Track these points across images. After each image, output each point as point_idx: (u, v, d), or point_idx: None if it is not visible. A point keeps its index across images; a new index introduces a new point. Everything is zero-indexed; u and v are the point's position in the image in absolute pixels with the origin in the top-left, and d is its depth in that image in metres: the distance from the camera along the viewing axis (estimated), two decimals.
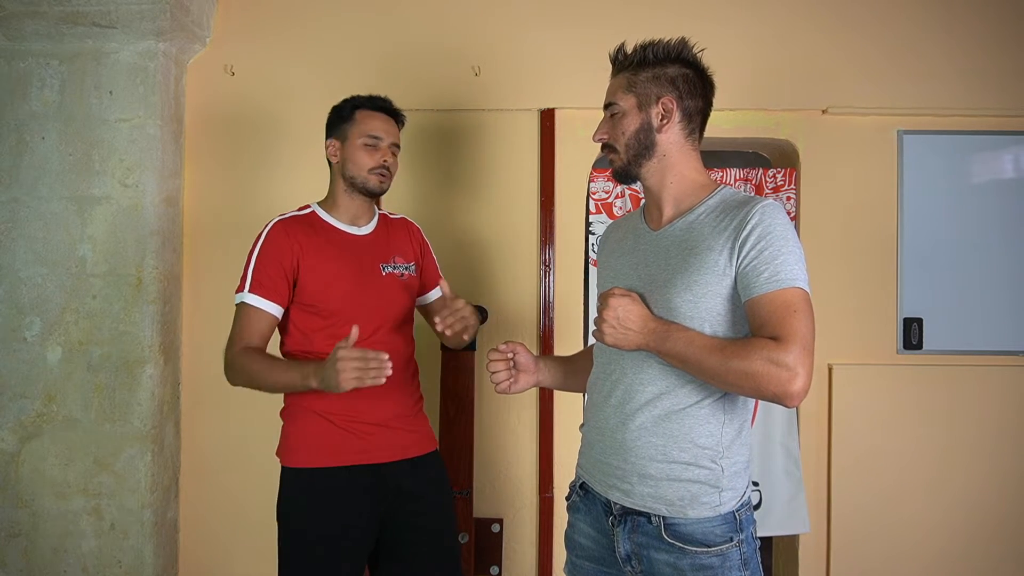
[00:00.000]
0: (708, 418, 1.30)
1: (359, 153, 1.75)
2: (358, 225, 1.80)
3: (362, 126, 1.76)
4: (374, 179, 1.75)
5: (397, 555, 1.75)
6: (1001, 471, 2.40)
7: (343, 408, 1.69)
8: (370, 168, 1.74)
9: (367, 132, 1.75)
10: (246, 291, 1.68)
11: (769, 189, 2.45)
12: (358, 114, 1.77)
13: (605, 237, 1.58)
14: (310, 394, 1.68)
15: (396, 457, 1.74)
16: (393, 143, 1.78)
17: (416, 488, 1.75)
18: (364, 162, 1.74)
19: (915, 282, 2.43)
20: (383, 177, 1.76)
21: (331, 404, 1.69)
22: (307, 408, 1.71)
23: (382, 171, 1.75)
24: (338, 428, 1.70)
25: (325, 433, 1.70)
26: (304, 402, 1.71)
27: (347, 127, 1.77)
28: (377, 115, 1.78)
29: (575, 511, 1.47)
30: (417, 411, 1.82)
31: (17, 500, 2.30)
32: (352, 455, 1.70)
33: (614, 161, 1.41)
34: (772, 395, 1.17)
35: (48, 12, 2.22)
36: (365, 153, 1.75)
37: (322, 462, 1.69)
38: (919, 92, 2.41)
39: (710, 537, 1.28)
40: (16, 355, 2.30)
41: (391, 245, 1.83)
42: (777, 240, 1.23)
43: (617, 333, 1.28)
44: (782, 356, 1.16)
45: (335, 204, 1.80)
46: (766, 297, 1.21)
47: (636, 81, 1.37)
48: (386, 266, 1.79)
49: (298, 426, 1.73)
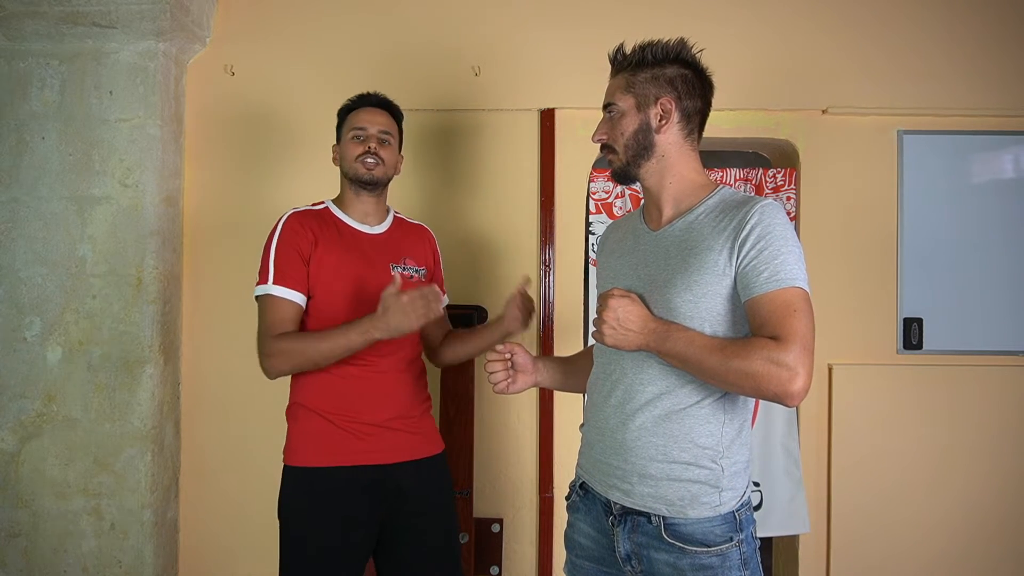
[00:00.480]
0: (708, 418, 1.30)
1: (348, 147, 1.79)
2: (369, 224, 1.82)
3: (350, 122, 1.81)
4: (360, 167, 1.77)
5: (397, 557, 1.76)
6: (1001, 471, 2.40)
7: (344, 408, 1.70)
8: (356, 156, 1.77)
9: (353, 126, 1.80)
10: (270, 283, 1.68)
11: (769, 189, 2.45)
12: (348, 116, 1.83)
13: (605, 237, 1.58)
14: (312, 395, 1.70)
15: (398, 459, 1.74)
16: (381, 131, 1.79)
17: (418, 490, 1.75)
18: (351, 152, 1.78)
19: (915, 282, 2.43)
20: (369, 165, 1.77)
21: (332, 404, 1.70)
22: (309, 408, 1.72)
23: (366, 157, 1.77)
24: (339, 428, 1.70)
25: (326, 433, 1.70)
26: (306, 402, 1.72)
27: (340, 129, 1.84)
28: (362, 109, 1.81)
29: (575, 511, 1.47)
30: (422, 412, 1.82)
31: (17, 500, 2.30)
32: (353, 455, 1.70)
33: (613, 162, 1.41)
34: (772, 395, 1.17)
35: (48, 12, 2.22)
36: (352, 144, 1.78)
37: (323, 462, 1.70)
38: (919, 92, 2.41)
39: (710, 537, 1.28)
40: (16, 355, 2.30)
41: (403, 247, 1.85)
42: (777, 240, 1.23)
43: (617, 334, 1.28)
44: (782, 356, 1.16)
45: (345, 202, 1.83)
46: (766, 297, 1.21)
47: (635, 82, 1.37)
48: (396, 266, 1.80)
49: (300, 426, 1.73)
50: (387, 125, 1.81)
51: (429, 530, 1.76)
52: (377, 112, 1.81)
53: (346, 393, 1.70)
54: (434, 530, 1.77)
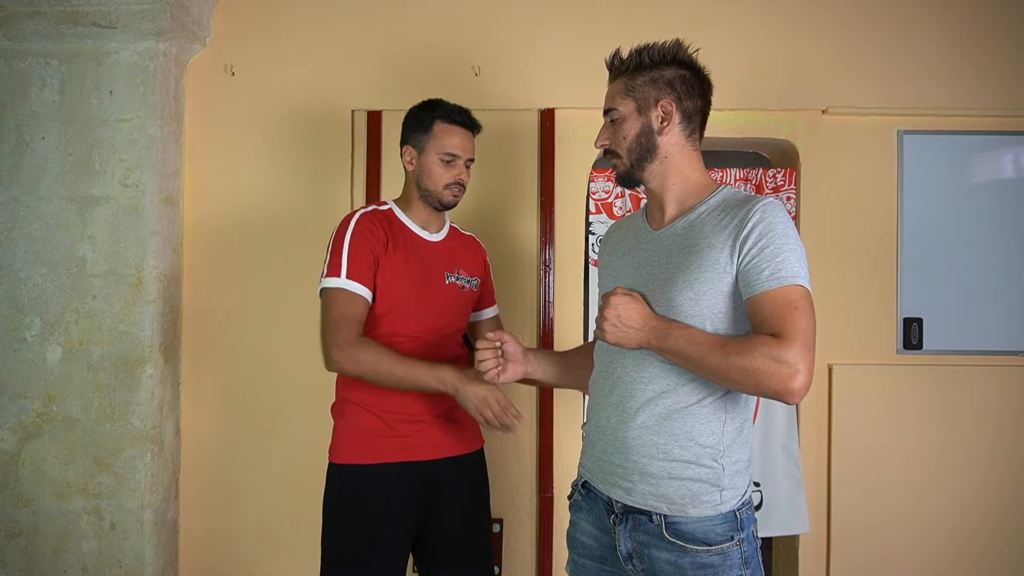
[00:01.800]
0: (709, 417, 1.30)
1: (436, 168, 1.77)
2: (429, 230, 1.83)
3: (441, 141, 1.76)
4: (448, 194, 1.78)
5: (432, 551, 1.79)
6: (1001, 471, 2.40)
7: (392, 404, 1.71)
8: (445, 184, 1.77)
9: (445, 148, 1.76)
10: (343, 276, 1.68)
11: (769, 189, 2.45)
12: (436, 127, 1.77)
13: (607, 237, 1.58)
14: (357, 389, 1.72)
15: (441, 455, 1.77)
16: (469, 159, 1.80)
17: (456, 486, 1.78)
18: (441, 177, 1.77)
19: (915, 282, 2.43)
20: (456, 193, 1.79)
21: (381, 400, 1.71)
22: (358, 404, 1.74)
23: (457, 187, 1.78)
24: (386, 425, 1.72)
25: (375, 430, 1.72)
26: (355, 398, 1.74)
27: (425, 138, 1.78)
28: (456, 130, 1.78)
29: (577, 510, 1.47)
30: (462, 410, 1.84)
31: (17, 500, 2.30)
32: (399, 452, 1.72)
33: (617, 166, 1.42)
34: (773, 392, 1.18)
35: (48, 12, 2.22)
36: (442, 168, 1.76)
37: (369, 459, 1.72)
38: (919, 92, 2.41)
39: (711, 536, 1.28)
40: (16, 355, 2.30)
41: (457, 256, 1.86)
42: (778, 238, 1.24)
43: (618, 331, 1.28)
44: (783, 353, 1.16)
45: (409, 206, 1.83)
46: (768, 295, 1.21)
47: (634, 85, 1.38)
48: (450, 275, 1.82)
49: (347, 423, 1.76)
50: (474, 151, 1.81)
51: (464, 526, 1.80)
52: (468, 136, 1.79)
53: (398, 391, 1.70)
54: (468, 526, 1.80)
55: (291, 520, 2.39)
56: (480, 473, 1.87)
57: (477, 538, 1.83)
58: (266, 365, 2.43)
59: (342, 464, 1.74)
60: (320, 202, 2.41)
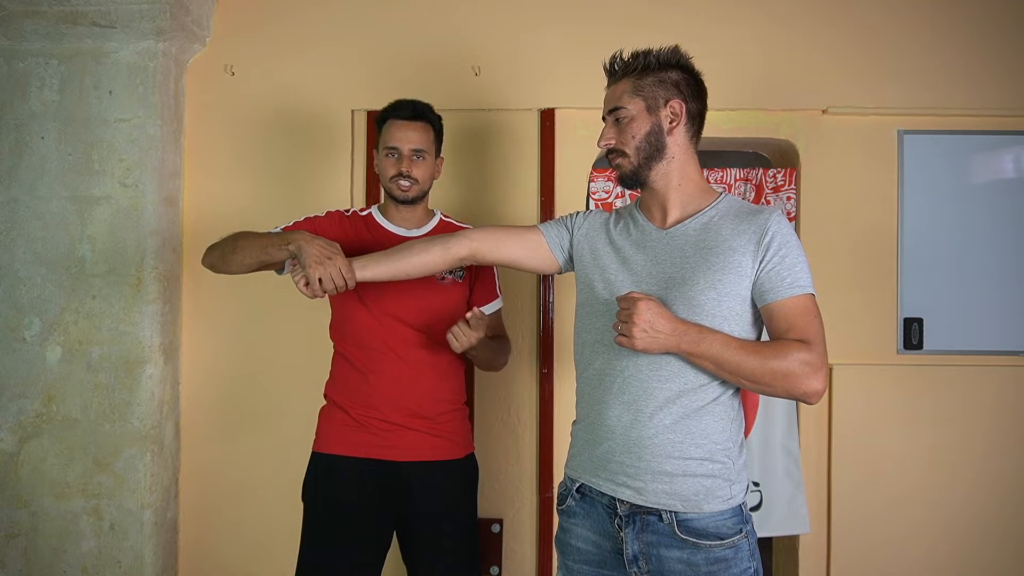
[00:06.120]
0: (722, 415, 1.34)
1: (383, 163, 1.82)
2: (407, 227, 1.86)
3: (384, 136, 1.82)
4: (395, 187, 1.80)
5: (415, 555, 1.82)
6: (1001, 471, 2.40)
7: (362, 403, 1.77)
8: (390, 177, 1.80)
9: (387, 143, 1.80)
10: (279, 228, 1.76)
11: (769, 189, 2.45)
12: (386, 124, 1.83)
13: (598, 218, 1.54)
14: (336, 389, 1.82)
15: (413, 458, 1.77)
16: (414, 149, 1.79)
17: (432, 491, 1.78)
18: (386, 172, 1.81)
19: (915, 282, 2.43)
20: (403, 187, 1.79)
21: (352, 398, 1.78)
22: (333, 401, 1.83)
23: (400, 179, 1.78)
24: (356, 421, 1.77)
25: (345, 424, 1.79)
26: (332, 395, 1.84)
27: (379, 137, 1.84)
28: (396, 123, 1.80)
29: (570, 515, 1.45)
30: (446, 413, 1.82)
31: (17, 500, 2.30)
32: (366, 448, 1.77)
33: (622, 165, 1.42)
34: (802, 393, 1.26)
35: (48, 12, 2.22)
36: (387, 163, 1.80)
37: (338, 450, 1.78)
38: (919, 92, 2.41)
39: (723, 530, 1.31)
40: (16, 355, 2.30)
41: None
42: (794, 249, 1.32)
43: (648, 336, 1.28)
44: (812, 357, 1.25)
45: (387, 208, 1.89)
46: (791, 302, 1.29)
47: (642, 85, 1.40)
48: None
49: (325, 416, 1.85)
50: (420, 141, 1.79)
51: (445, 532, 1.80)
52: (409, 127, 1.79)
53: (365, 388, 1.77)
54: (450, 532, 1.80)
55: (291, 520, 2.36)
56: (465, 480, 1.86)
57: (459, 545, 1.82)
58: (266, 366, 2.43)
59: (317, 452, 1.83)
60: (320, 202, 2.40)
